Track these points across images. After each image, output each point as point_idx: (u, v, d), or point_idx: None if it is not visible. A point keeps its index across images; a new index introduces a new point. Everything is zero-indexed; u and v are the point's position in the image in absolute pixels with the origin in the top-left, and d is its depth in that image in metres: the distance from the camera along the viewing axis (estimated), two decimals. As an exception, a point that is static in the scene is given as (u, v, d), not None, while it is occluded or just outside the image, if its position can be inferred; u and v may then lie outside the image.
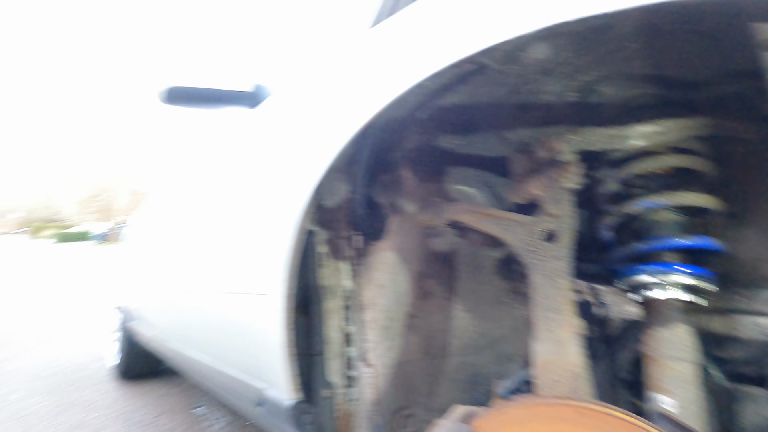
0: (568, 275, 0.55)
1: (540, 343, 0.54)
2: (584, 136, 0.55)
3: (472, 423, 0.43)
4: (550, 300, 0.55)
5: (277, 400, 0.73)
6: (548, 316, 0.55)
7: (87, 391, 2.19)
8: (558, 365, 0.50)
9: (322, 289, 0.77)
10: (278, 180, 0.77)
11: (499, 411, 0.43)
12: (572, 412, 0.39)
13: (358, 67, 0.65)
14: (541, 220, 0.57)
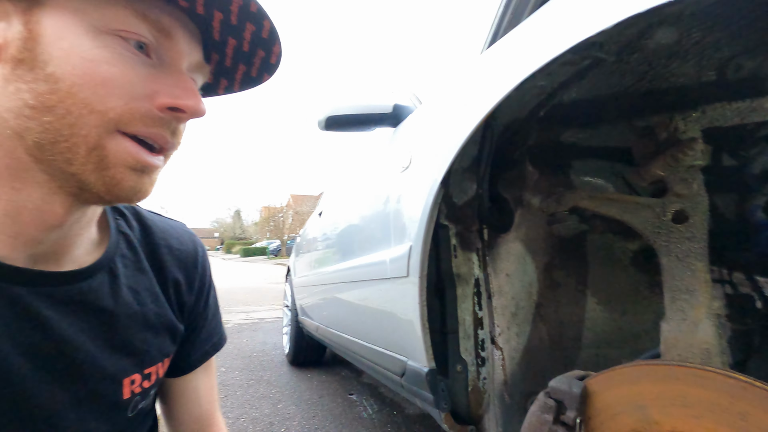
0: (704, 256, 0.54)
1: (669, 322, 0.54)
2: (714, 112, 0.54)
3: (585, 381, 0.47)
4: (681, 281, 0.55)
5: (416, 369, 0.85)
6: (679, 297, 0.54)
7: (268, 371, 2.68)
8: (687, 343, 0.50)
9: (455, 277, 0.87)
10: (414, 183, 0.91)
11: (610, 370, 0.46)
12: (686, 373, 0.40)
13: (471, 79, 0.75)
14: (668, 201, 0.57)
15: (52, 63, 0.33)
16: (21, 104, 0.33)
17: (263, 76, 0.46)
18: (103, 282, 0.44)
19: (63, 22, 0.33)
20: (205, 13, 0.38)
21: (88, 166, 0.35)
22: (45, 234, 0.38)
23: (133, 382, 0.46)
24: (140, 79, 0.35)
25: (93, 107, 0.34)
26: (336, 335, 1.61)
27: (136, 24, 0.35)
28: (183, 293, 0.54)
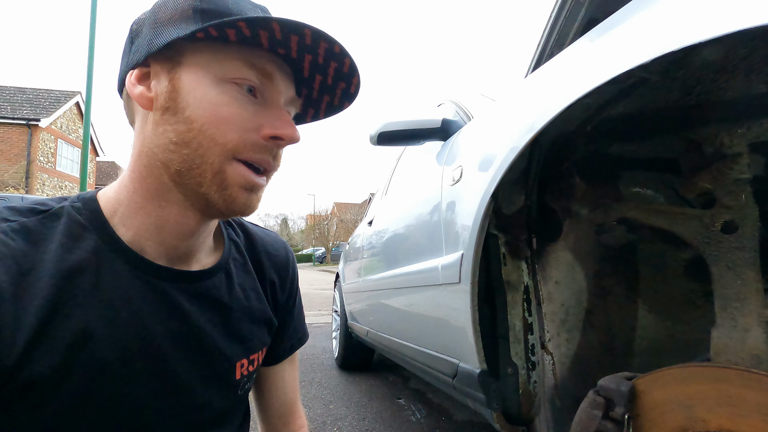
0: (755, 265, 0.56)
1: (719, 329, 0.56)
2: (761, 128, 0.56)
3: (634, 380, 0.50)
4: (732, 290, 0.57)
5: (468, 371, 0.90)
6: (730, 305, 0.56)
7: (319, 374, 2.79)
8: (736, 349, 0.52)
9: (505, 284, 0.91)
10: (465, 195, 0.96)
11: (658, 371, 0.49)
12: (733, 374, 0.43)
13: (521, 98, 0.80)
14: (716, 212, 0.59)
15: (189, 108, 0.42)
16: (167, 141, 0.43)
17: (344, 104, 0.52)
18: (221, 280, 0.53)
19: (195, 76, 0.43)
20: (297, 56, 0.45)
21: (213, 187, 0.43)
22: (182, 241, 0.48)
23: (243, 366, 0.55)
24: (250, 116, 0.44)
25: (217, 140, 0.42)
26: (386, 339, 1.68)
27: (246, 71, 0.43)
28: (277, 292, 0.63)
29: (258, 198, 0.47)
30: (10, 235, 0.40)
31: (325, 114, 0.54)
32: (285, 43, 0.43)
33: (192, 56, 0.43)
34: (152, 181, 0.45)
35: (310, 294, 8.81)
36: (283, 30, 0.41)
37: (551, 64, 0.76)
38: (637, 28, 0.54)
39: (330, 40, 0.42)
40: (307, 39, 0.42)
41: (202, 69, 0.43)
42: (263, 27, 0.41)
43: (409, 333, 1.38)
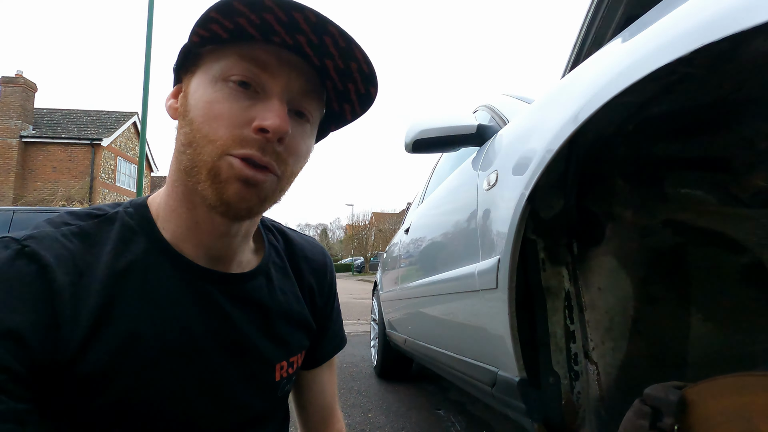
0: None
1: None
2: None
3: (684, 390, 0.48)
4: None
5: (507, 379, 0.87)
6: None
7: (358, 382, 2.80)
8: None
9: (545, 290, 0.88)
10: (501, 200, 0.95)
11: (711, 380, 0.46)
12: (795, 384, 0.40)
13: (556, 99, 0.78)
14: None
15: (191, 111, 0.44)
16: (179, 144, 0.46)
17: (370, 90, 0.49)
18: (262, 283, 0.55)
19: (199, 80, 0.45)
20: (293, 42, 0.43)
21: (207, 182, 0.43)
22: (216, 241, 0.49)
23: (282, 368, 0.56)
24: (242, 111, 0.43)
25: (209, 138, 0.42)
26: (424, 347, 1.66)
27: (240, 65, 0.43)
28: (315, 297, 0.64)
29: (257, 194, 0.44)
30: (70, 237, 0.43)
31: (361, 106, 0.51)
32: (268, 27, 0.41)
33: (203, 62, 0.45)
34: (179, 184, 0.47)
35: (349, 303, 8.88)
36: (252, 10, 0.40)
37: (588, 63, 0.74)
38: (676, 21, 0.52)
39: (300, 8, 0.40)
40: (279, 14, 0.40)
41: (204, 72, 0.45)
42: (235, 12, 0.40)
43: (447, 341, 1.36)
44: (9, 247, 0.40)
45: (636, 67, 0.54)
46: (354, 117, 0.54)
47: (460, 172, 1.45)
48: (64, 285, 0.40)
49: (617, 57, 0.61)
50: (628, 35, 0.62)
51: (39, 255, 0.40)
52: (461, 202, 1.29)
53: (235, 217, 0.46)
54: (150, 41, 7.15)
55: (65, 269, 0.41)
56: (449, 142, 1.35)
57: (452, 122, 1.34)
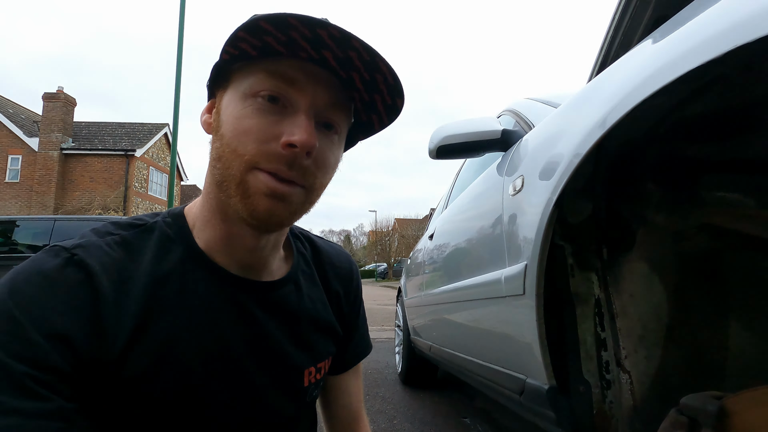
0: None
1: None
2: None
3: (723, 400, 0.46)
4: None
5: (536, 387, 0.86)
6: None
7: (383, 388, 2.80)
8: None
9: (573, 296, 0.87)
10: (527, 205, 0.94)
11: (753, 390, 0.45)
12: None
13: (583, 102, 0.77)
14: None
15: (222, 126, 0.46)
16: (212, 158, 0.48)
17: (396, 101, 0.49)
18: (291, 291, 0.56)
19: (229, 96, 0.46)
20: (318, 57, 0.44)
21: (237, 197, 0.44)
22: (248, 251, 0.51)
23: (310, 373, 0.57)
24: (269, 126, 0.44)
25: (238, 152, 0.44)
26: (449, 354, 1.65)
27: (268, 81, 0.44)
28: (342, 304, 0.65)
29: (286, 207, 0.45)
30: (113, 247, 0.46)
31: (388, 115, 0.52)
32: (294, 43, 0.42)
33: (234, 79, 0.47)
34: (213, 196, 0.49)
35: (373, 309, 8.89)
36: (277, 28, 0.41)
37: (617, 65, 0.73)
38: (709, 21, 0.51)
39: (324, 25, 0.41)
40: (304, 31, 0.41)
41: (235, 88, 0.46)
42: (261, 31, 0.41)
43: (473, 347, 1.35)
44: (59, 256, 0.42)
45: (668, 69, 0.53)
46: (382, 127, 0.54)
47: (485, 178, 1.44)
48: (108, 292, 0.42)
49: (648, 58, 0.60)
50: (659, 36, 0.61)
51: (86, 263, 0.42)
52: (486, 208, 1.28)
53: (266, 230, 0.48)
54: (180, 58, 7.44)
55: (109, 277, 0.43)
56: (473, 148, 1.34)
57: (476, 128, 1.34)
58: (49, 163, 14.93)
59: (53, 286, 0.40)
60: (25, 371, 0.36)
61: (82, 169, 15.55)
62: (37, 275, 0.40)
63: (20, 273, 0.41)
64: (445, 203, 2.50)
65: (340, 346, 0.65)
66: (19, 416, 0.34)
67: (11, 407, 0.34)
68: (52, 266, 0.41)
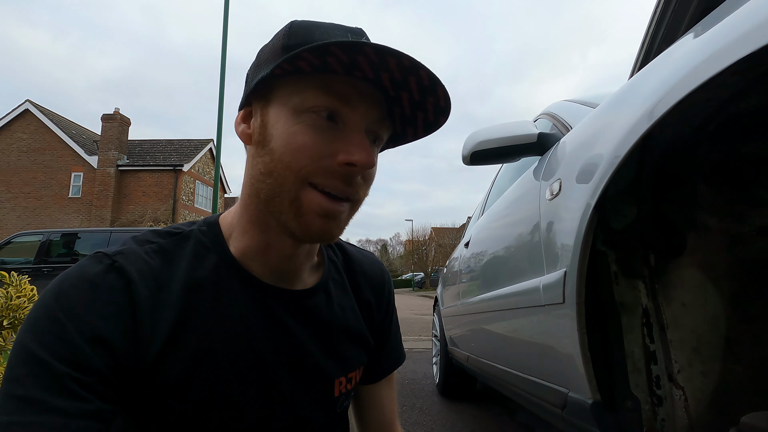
0: None
1: None
2: None
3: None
4: None
5: (579, 401, 0.81)
6: None
7: (420, 399, 2.75)
8: None
9: (618, 305, 0.82)
10: (565, 209, 0.90)
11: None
12: None
13: (624, 100, 0.73)
14: None
15: (272, 141, 0.45)
16: (257, 172, 0.46)
17: (439, 119, 0.49)
18: (321, 300, 0.56)
19: (278, 110, 0.46)
20: (374, 77, 0.44)
21: (290, 214, 0.45)
22: (283, 261, 0.51)
23: (341, 383, 0.57)
24: (325, 142, 0.44)
25: (292, 168, 0.43)
26: (487, 365, 1.60)
27: (323, 98, 0.44)
28: (373, 312, 0.64)
29: (337, 225, 0.47)
30: (151, 254, 0.47)
31: (425, 131, 0.52)
32: (355, 65, 0.42)
33: (278, 92, 0.46)
34: (253, 208, 0.49)
35: (410, 319, 8.81)
36: (346, 52, 0.40)
37: (661, 58, 0.69)
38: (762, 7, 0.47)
39: (396, 54, 0.40)
40: (373, 57, 0.41)
41: (284, 102, 0.45)
42: (327, 53, 0.40)
43: (512, 359, 1.30)
44: (102, 262, 0.44)
45: (717, 58, 0.49)
46: (415, 139, 0.54)
47: (521, 183, 1.40)
48: (144, 298, 0.43)
49: (694, 49, 0.56)
50: (708, 23, 0.58)
51: (125, 269, 0.44)
52: (523, 214, 1.24)
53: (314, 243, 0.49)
54: (223, 77, 7.83)
55: (145, 283, 0.44)
56: (508, 153, 1.31)
57: (511, 132, 1.31)
58: (107, 179, 16.04)
59: (96, 291, 0.41)
60: (67, 372, 0.37)
61: (135, 184, 16.58)
62: (81, 280, 0.42)
63: (66, 278, 0.43)
64: (481, 210, 2.45)
65: (371, 356, 0.64)
66: (60, 415, 0.36)
67: (53, 406, 0.36)
68: (95, 272, 0.43)
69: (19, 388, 0.36)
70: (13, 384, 0.37)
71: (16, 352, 0.39)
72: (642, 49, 0.89)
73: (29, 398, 0.36)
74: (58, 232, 7.24)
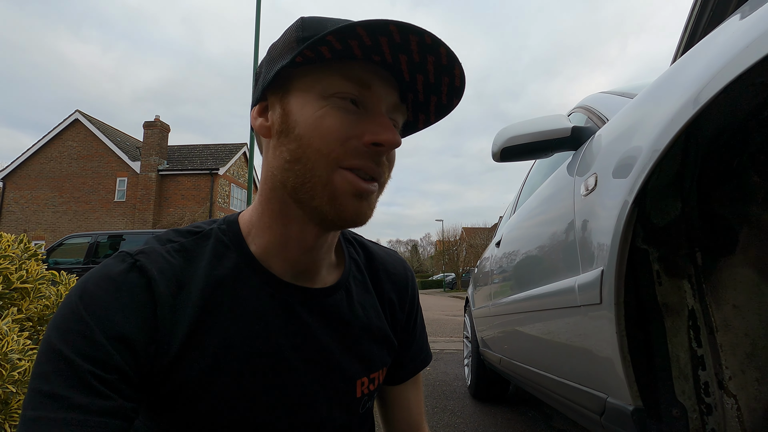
0: None
1: None
2: None
3: None
4: None
5: (619, 407, 0.77)
6: None
7: (451, 401, 2.71)
8: None
9: (662, 307, 0.77)
10: (602, 205, 0.85)
11: None
12: None
13: (665, 88, 0.68)
14: None
15: (298, 127, 0.45)
16: (282, 161, 0.46)
17: (453, 101, 0.49)
18: (342, 298, 0.55)
19: (301, 98, 0.45)
20: (393, 60, 0.44)
21: (324, 198, 0.44)
22: (303, 255, 0.51)
23: (363, 384, 0.56)
24: (351, 125, 0.44)
25: (322, 152, 0.43)
26: (521, 368, 1.55)
27: (344, 85, 0.44)
28: (396, 312, 0.63)
29: (369, 206, 0.47)
30: (172, 254, 0.47)
31: (436, 116, 0.52)
32: (377, 48, 0.42)
33: (298, 82, 0.46)
34: (276, 201, 0.49)
35: (441, 320, 8.73)
36: (369, 34, 0.40)
37: (704, 42, 0.64)
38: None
39: (418, 32, 0.40)
40: (396, 36, 0.41)
41: (307, 91, 0.45)
42: (351, 36, 0.41)
43: (546, 361, 1.25)
44: (125, 261, 0.45)
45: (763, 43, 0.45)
46: (425, 126, 0.53)
47: (554, 179, 1.35)
48: (165, 297, 0.44)
49: (744, 29, 0.52)
50: (754, 4, 0.53)
51: (147, 268, 0.44)
52: (556, 211, 1.19)
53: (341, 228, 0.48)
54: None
55: (166, 282, 0.45)
56: (541, 148, 1.26)
57: (543, 127, 1.26)
58: (149, 184, 16.83)
59: (118, 290, 0.42)
60: (90, 370, 0.38)
61: (174, 187, 17.31)
62: (103, 279, 0.43)
63: (91, 277, 0.44)
64: (512, 208, 2.39)
65: (396, 356, 0.63)
66: (83, 412, 0.37)
67: (76, 403, 0.37)
68: (118, 271, 0.44)
69: (45, 384, 0.38)
70: (40, 380, 0.38)
71: (43, 348, 0.40)
72: (685, 35, 0.83)
73: (54, 394, 0.37)
74: (105, 234, 7.68)
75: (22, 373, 1.04)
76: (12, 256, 1.29)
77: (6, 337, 1.04)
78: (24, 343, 1.08)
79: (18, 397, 1.05)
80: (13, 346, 1.03)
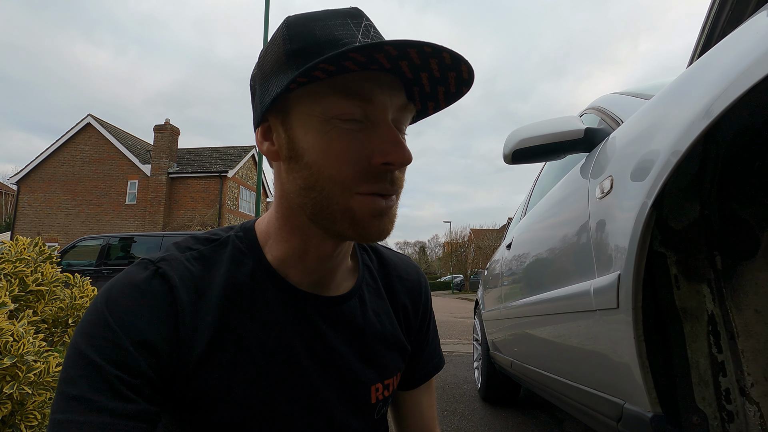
0: None
1: None
2: None
3: None
4: None
5: (636, 414, 0.76)
6: None
7: (461, 404, 2.70)
8: None
9: (680, 311, 0.76)
10: (618, 208, 0.84)
11: None
12: None
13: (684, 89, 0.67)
14: None
15: (306, 154, 0.43)
16: (297, 188, 0.45)
17: (462, 89, 0.47)
18: (355, 305, 0.55)
19: (303, 122, 0.44)
20: (392, 67, 0.42)
21: (345, 223, 0.44)
22: (320, 264, 0.51)
23: (377, 390, 0.56)
24: (359, 145, 0.43)
25: (335, 179, 0.43)
26: (533, 372, 1.54)
27: (345, 103, 0.42)
28: (410, 318, 0.63)
29: (390, 220, 0.46)
30: (191, 261, 0.48)
31: (446, 103, 0.50)
32: (373, 61, 0.40)
33: (297, 104, 0.44)
34: (294, 219, 0.49)
35: (450, 322, 8.69)
36: (365, 55, 0.39)
37: (726, 42, 0.63)
38: None
39: (416, 45, 0.38)
40: (392, 51, 0.39)
41: (308, 114, 0.43)
42: (344, 59, 0.39)
43: (559, 365, 1.24)
44: (147, 268, 0.45)
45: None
46: (435, 111, 0.51)
47: (567, 181, 1.33)
48: (186, 304, 0.44)
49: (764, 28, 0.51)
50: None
51: (169, 276, 0.45)
52: (570, 213, 1.18)
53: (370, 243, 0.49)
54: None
55: (186, 290, 0.45)
56: (553, 150, 1.25)
57: (556, 128, 1.25)
58: (159, 186, 17.02)
59: (142, 297, 0.43)
60: (117, 374, 0.39)
61: (184, 190, 17.48)
62: (128, 286, 0.44)
63: (115, 284, 0.45)
64: (523, 211, 2.37)
65: (409, 362, 0.63)
66: (109, 415, 0.37)
67: (103, 406, 0.38)
68: (141, 278, 0.44)
69: (73, 388, 0.39)
70: (68, 384, 0.39)
71: (71, 353, 0.41)
72: (702, 34, 0.81)
73: (81, 398, 0.38)
74: (117, 237, 7.77)
75: (37, 375, 1.05)
76: (28, 259, 1.31)
77: (22, 339, 1.05)
78: (39, 345, 1.09)
79: (33, 398, 1.06)
80: (29, 348, 1.05)
